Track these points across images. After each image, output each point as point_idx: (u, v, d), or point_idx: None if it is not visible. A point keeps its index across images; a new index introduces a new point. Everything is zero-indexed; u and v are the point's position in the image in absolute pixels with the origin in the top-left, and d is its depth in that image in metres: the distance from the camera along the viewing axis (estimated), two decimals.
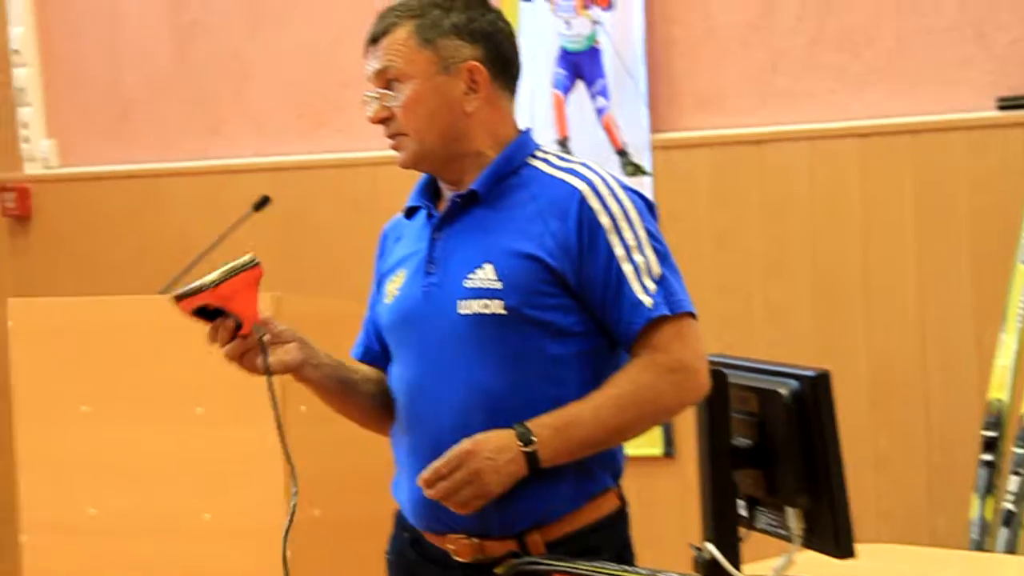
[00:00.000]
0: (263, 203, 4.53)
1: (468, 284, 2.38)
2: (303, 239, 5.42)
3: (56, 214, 5.95)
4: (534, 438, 2.32)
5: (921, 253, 4.62)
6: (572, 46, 5.06)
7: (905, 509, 4.58)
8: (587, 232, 2.37)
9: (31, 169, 6.01)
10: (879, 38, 4.71)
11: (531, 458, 2.32)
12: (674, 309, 2.39)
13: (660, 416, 2.44)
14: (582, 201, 2.38)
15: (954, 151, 4.59)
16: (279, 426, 2.38)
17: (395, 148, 2.48)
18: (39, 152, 5.99)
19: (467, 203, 2.44)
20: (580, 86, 5.06)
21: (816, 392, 2.64)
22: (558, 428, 2.34)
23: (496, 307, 2.36)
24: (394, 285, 2.49)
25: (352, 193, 5.42)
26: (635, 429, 2.41)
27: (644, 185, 4.89)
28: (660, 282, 2.38)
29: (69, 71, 5.98)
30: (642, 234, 2.39)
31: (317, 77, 5.53)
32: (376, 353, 2.58)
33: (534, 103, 5.03)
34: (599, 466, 2.46)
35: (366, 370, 2.58)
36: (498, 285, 2.36)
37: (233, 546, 3.61)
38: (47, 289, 5.69)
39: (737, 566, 2.69)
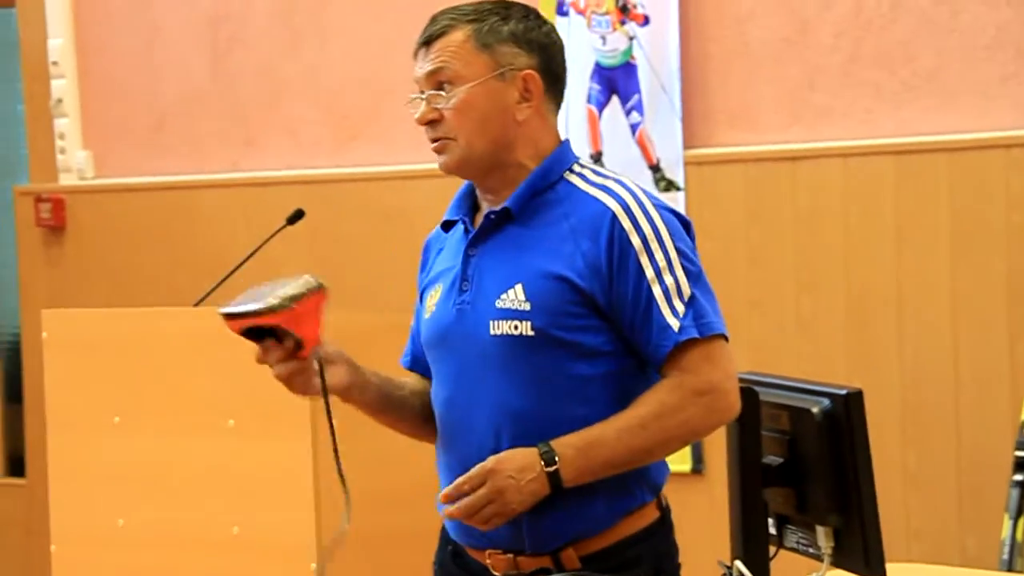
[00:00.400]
0: (297, 216, 4.54)
1: (499, 304, 2.37)
2: (335, 252, 5.43)
3: (90, 225, 5.97)
4: (557, 458, 2.32)
5: (955, 271, 4.59)
6: (607, 61, 5.06)
7: (935, 528, 4.56)
8: (617, 252, 2.36)
9: (66, 180, 6.04)
10: (917, 56, 4.69)
11: (553, 478, 2.32)
12: (703, 332, 2.37)
13: (687, 437, 2.42)
14: (614, 220, 2.36)
15: (991, 169, 4.56)
16: (335, 449, 2.38)
17: (439, 151, 2.45)
18: (75, 163, 6.02)
19: (501, 220, 2.43)
20: (614, 101, 5.06)
21: (848, 411, 2.63)
22: (581, 448, 2.33)
23: (525, 328, 2.35)
24: (432, 300, 2.49)
25: (384, 206, 5.43)
26: (661, 450, 2.40)
27: (677, 201, 4.88)
28: (690, 304, 2.37)
29: (106, 83, 6.01)
30: (673, 254, 2.37)
31: (351, 91, 5.54)
32: (424, 362, 2.58)
33: (568, 118, 5.03)
34: (636, 483, 2.46)
35: (413, 383, 2.58)
36: (526, 307, 2.35)
37: (261, 559, 3.61)
38: (81, 300, 5.72)
39: None
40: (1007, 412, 4.42)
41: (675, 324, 2.35)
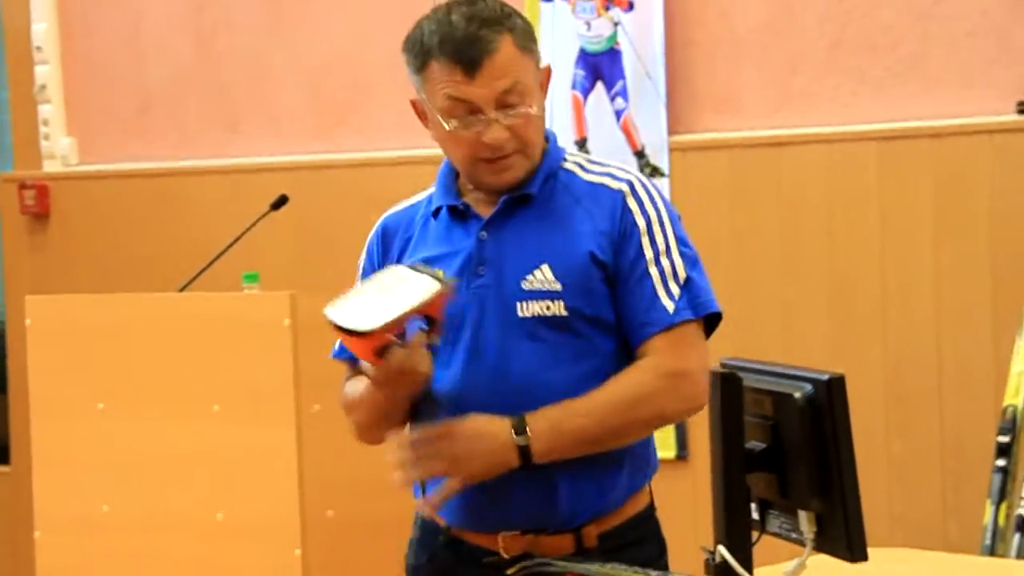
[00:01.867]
0: (281, 202, 4.54)
1: (527, 286, 2.38)
2: (320, 238, 5.43)
3: (75, 211, 5.96)
4: (529, 431, 2.32)
5: (939, 257, 4.60)
6: (592, 47, 5.06)
7: (918, 514, 4.57)
8: (623, 230, 2.40)
9: (50, 167, 6.03)
10: (901, 41, 4.70)
11: (524, 451, 2.32)
12: (699, 311, 2.41)
13: (656, 420, 2.44)
14: (623, 200, 2.41)
15: (975, 155, 4.57)
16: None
17: (505, 168, 2.40)
18: (59, 150, 6.01)
19: (514, 205, 2.44)
20: (599, 87, 5.06)
21: (831, 396, 2.63)
22: (555, 422, 2.34)
23: (557, 308, 2.37)
24: None
25: (370, 193, 5.41)
26: (632, 432, 2.42)
27: (662, 187, 4.88)
28: (685, 286, 2.41)
29: (89, 69, 6.00)
30: (672, 239, 2.42)
31: (336, 77, 5.54)
32: None
33: (553, 104, 5.02)
34: (642, 463, 2.50)
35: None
36: (557, 287, 2.37)
37: (246, 544, 3.62)
38: (65, 286, 5.71)
39: (749, 569, 2.69)
40: (990, 398, 4.43)
41: (669, 306, 2.38)
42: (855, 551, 2.61)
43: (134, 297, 4.15)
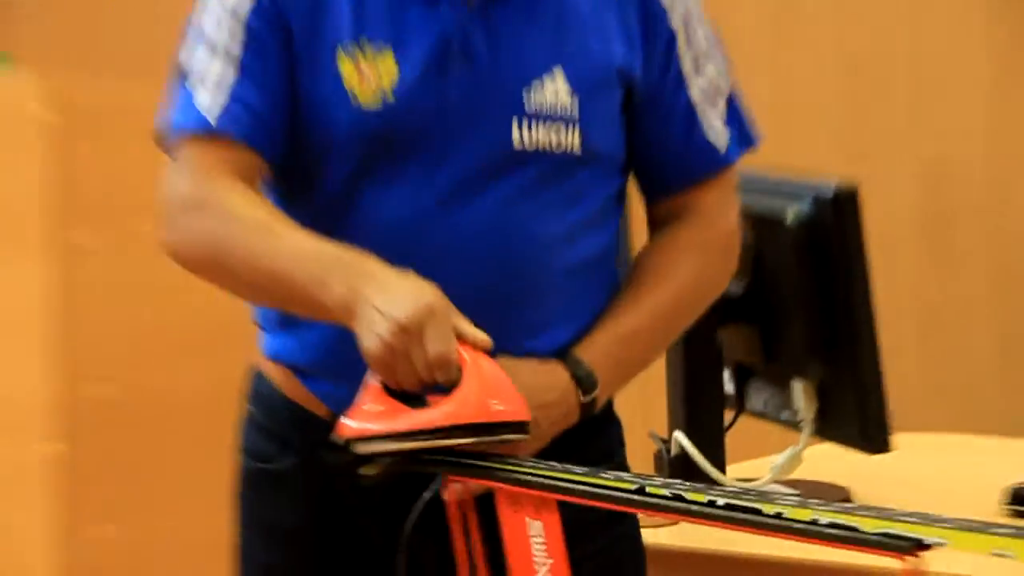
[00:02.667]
0: None
1: (532, 99, 2.38)
2: (98, 11, 5.35)
3: None
4: (596, 381, 2.37)
5: (992, 36, 4.67)
6: None
7: (965, 386, 4.65)
8: (657, 35, 2.42)
9: None
10: None
11: (587, 408, 2.37)
12: (746, 144, 2.48)
13: (713, 300, 2.52)
14: None
15: None
16: None
17: None
18: None
19: None
20: None
21: (837, 215, 2.69)
22: (617, 358, 2.40)
23: (570, 141, 2.38)
24: (381, 78, 2.40)
25: None
26: (689, 324, 2.52)
27: None
28: (730, 106, 2.46)
29: None
30: (705, 39, 2.45)
31: None
32: (274, 135, 2.39)
33: None
34: None
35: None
36: (571, 105, 2.38)
37: None
38: None
39: (720, 464, 2.68)
40: None
41: (720, 141, 2.44)
42: (873, 438, 2.63)
43: None
